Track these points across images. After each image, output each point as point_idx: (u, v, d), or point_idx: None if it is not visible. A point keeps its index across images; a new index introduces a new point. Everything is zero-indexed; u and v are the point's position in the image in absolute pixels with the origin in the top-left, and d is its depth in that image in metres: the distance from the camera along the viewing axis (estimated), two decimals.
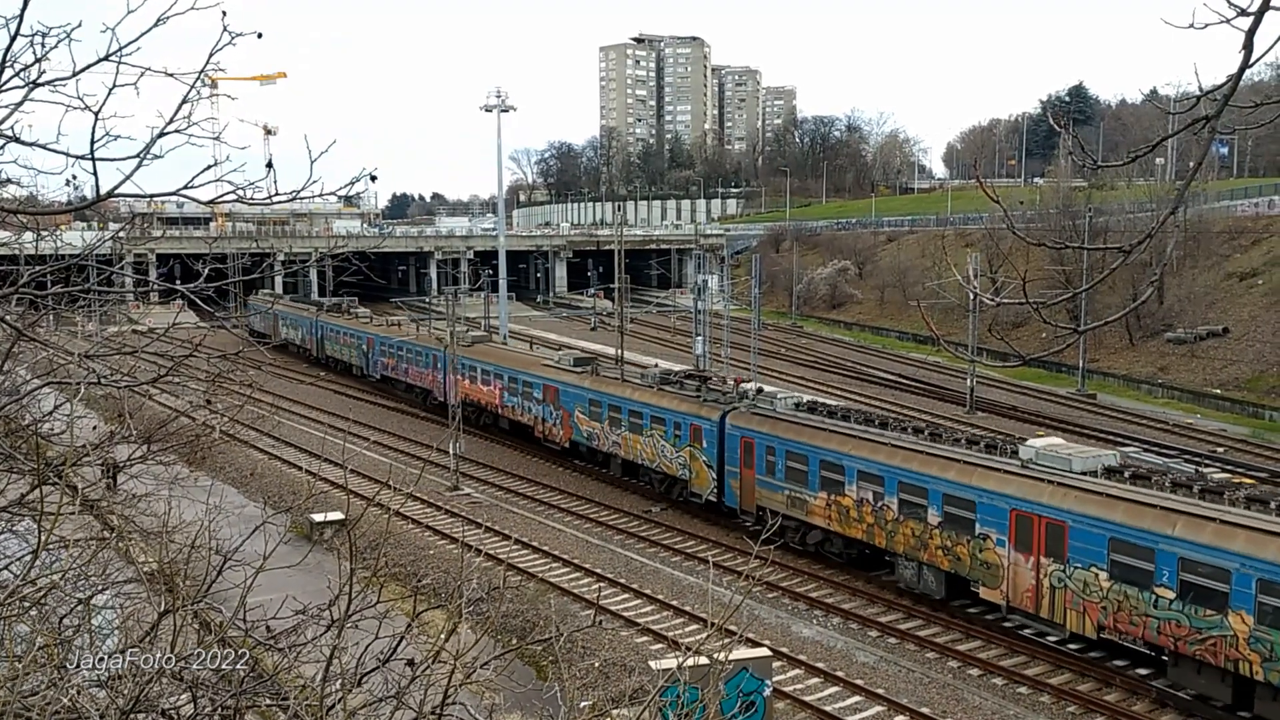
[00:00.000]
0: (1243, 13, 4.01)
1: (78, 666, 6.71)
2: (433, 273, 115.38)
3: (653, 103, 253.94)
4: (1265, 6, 3.97)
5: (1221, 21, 4.06)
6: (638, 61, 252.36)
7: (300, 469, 41.23)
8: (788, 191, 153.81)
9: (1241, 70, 4.20)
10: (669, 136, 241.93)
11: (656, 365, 48.56)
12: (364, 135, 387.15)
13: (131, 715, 6.15)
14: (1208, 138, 4.59)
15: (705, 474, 35.59)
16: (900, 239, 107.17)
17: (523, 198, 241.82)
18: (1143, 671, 23.35)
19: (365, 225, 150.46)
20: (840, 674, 24.03)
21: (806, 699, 22.67)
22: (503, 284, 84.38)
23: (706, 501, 36.00)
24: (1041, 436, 32.01)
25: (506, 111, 77.78)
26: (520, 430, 48.48)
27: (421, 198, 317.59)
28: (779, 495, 32.06)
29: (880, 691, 23.08)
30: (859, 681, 23.60)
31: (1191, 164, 6.40)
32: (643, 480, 39.72)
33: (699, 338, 66.96)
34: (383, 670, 7.21)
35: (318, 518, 32.70)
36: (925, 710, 22.20)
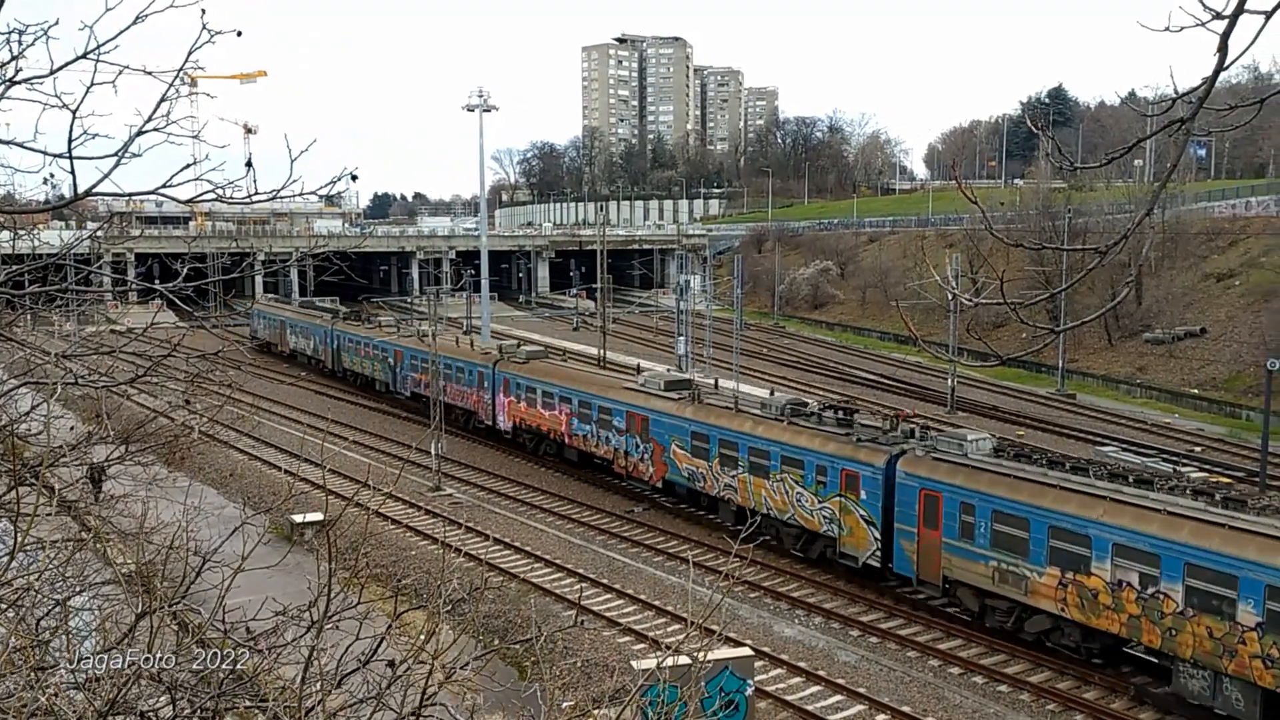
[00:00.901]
0: (1218, 16, 4.05)
1: (55, 668, 6.66)
2: (415, 273, 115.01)
3: (635, 103, 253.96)
4: (1240, 10, 4.01)
5: (1197, 24, 4.10)
6: (620, 61, 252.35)
7: (280, 469, 41.05)
8: (770, 192, 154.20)
9: (1216, 73, 4.24)
10: (651, 137, 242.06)
11: (773, 393, 40.23)
12: (345, 134, 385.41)
13: (109, 717, 6.11)
14: (1184, 139, 4.63)
15: (863, 532, 28.81)
16: (882, 239, 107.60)
17: (505, 198, 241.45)
18: (1126, 668, 23.52)
19: (346, 225, 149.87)
20: (822, 673, 24.09)
21: (788, 698, 22.72)
22: (485, 284, 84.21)
23: (864, 566, 29.17)
24: None
25: (489, 111, 77.64)
26: (589, 461, 42.18)
27: (403, 197, 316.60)
28: (979, 566, 25.69)
29: (862, 690, 23.16)
30: (840, 681, 23.68)
31: (1168, 165, 6.45)
32: (767, 533, 32.11)
33: (681, 338, 67.06)
34: (363, 671, 7.19)
35: (297, 518, 32.55)
36: (906, 709, 22.29)
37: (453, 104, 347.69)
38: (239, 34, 7.03)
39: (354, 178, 8.10)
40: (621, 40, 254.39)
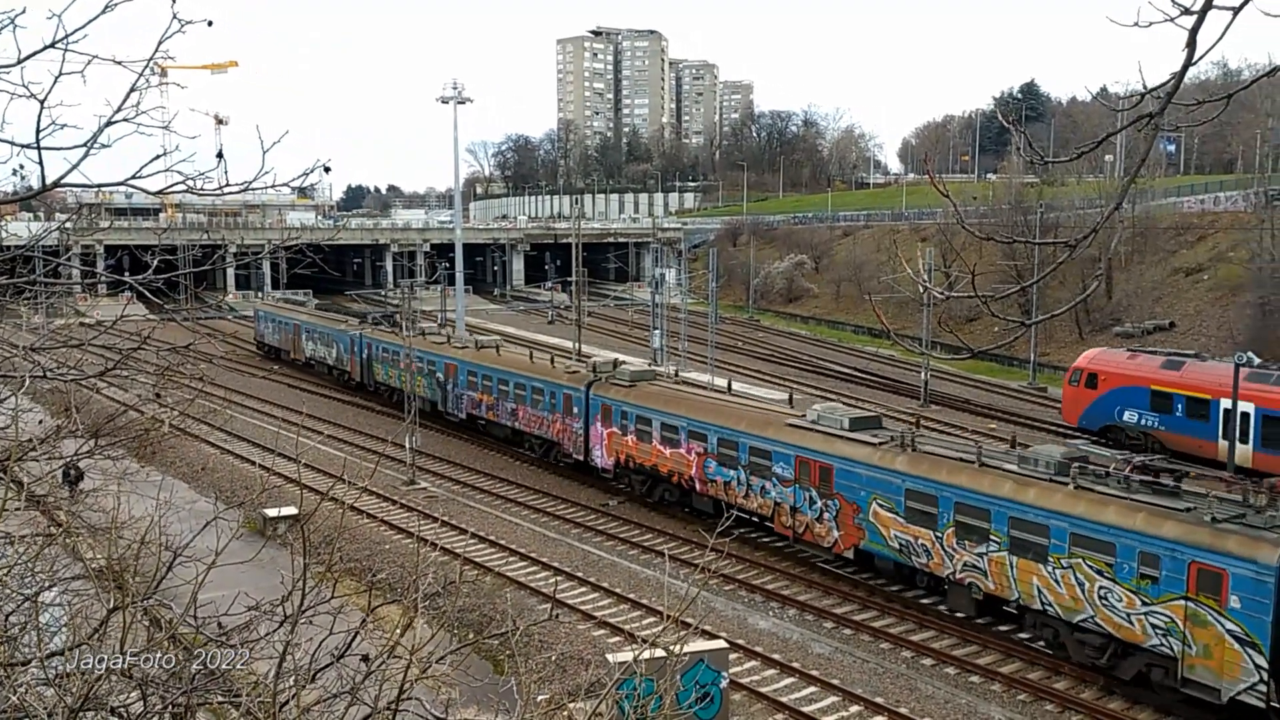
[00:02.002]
0: (1186, 11, 4.09)
1: (25, 665, 6.59)
2: (389, 265, 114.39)
3: (610, 96, 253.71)
4: (1208, 6, 4.06)
5: (1166, 20, 4.14)
6: (595, 54, 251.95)
7: (254, 464, 40.77)
8: (745, 186, 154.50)
9: (1185, 68, 4.29)
10: (626, 130, 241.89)
11: (1058, 447, 28.26)
12: (317, 126, 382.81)
13: (80, 714, 6.06)
14: (1153, 134, 4.67)
15: (1231, 655, 20.44)
16: (856, 234, 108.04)
17: (480, 190, 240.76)
18: (1093, 655, 23.77)
19: (320, 217, 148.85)
20: (796, 665, 24.22)
21: (763, 690, 22.83)
22: (459, 277, 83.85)
23: (1230, 703, 20.72)
24: None
25: (463, 103, 77.19)
26: (722, 509, 32.17)
27: (377, 190, 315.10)
28: None
29: (835, 682, 23.30)
30: (815, 672, 23.81)
31: (1137, 160, 6.51)
32: (1033, 632, 25.05)
33: (656, 331, 67.07)
34: (337, 666, 7.17)
35: (271, 513, 32.38)
36: (879, 700, 22.46)
37: (427, 96, 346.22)
38: (210, 24, 6.97)
39: (327, 169, 8.04)
40: (597, 33, 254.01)
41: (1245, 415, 37.43)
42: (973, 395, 59.00)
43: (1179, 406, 41.34)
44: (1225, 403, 37.89)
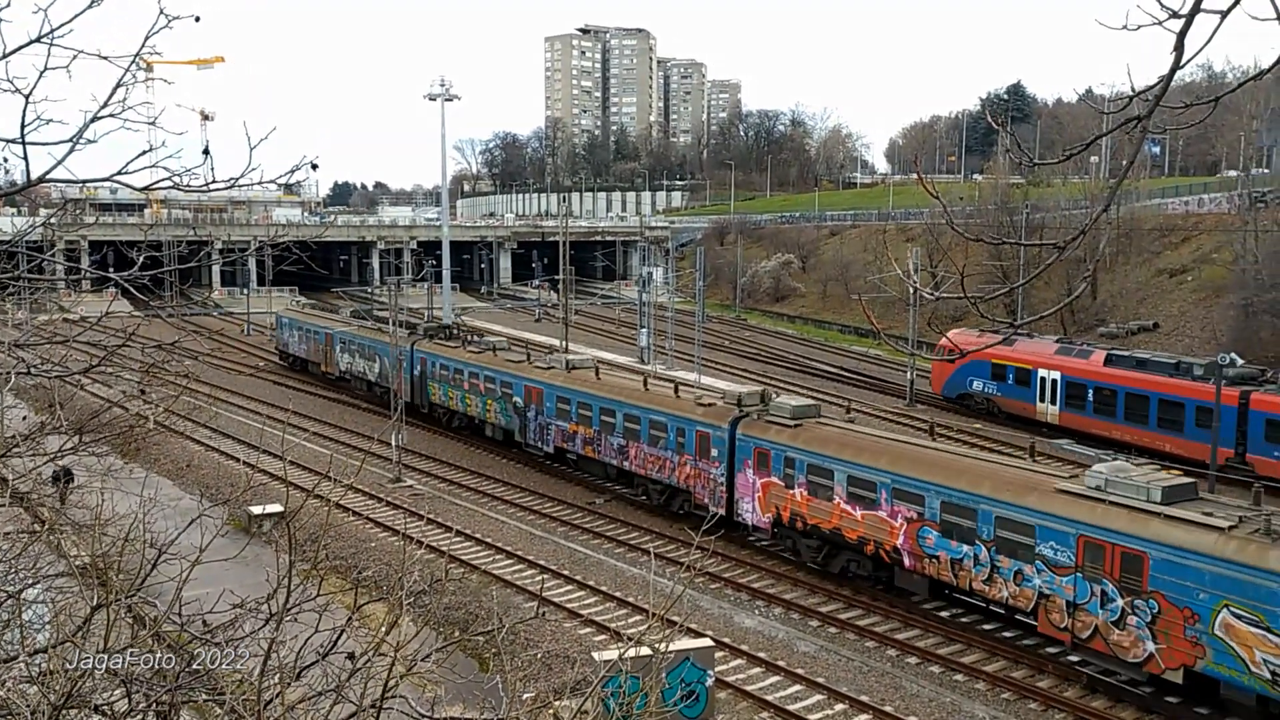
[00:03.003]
0: (1174, 15, 4.11)
1: (8, 662, 6.56)
2: (375, 263, 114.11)
3: (598, 94, 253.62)
4: (1196, 9, 4.08)
5: (1154, 23, 4.16)
6: (583, 52, 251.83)
7: (239, 461, 40.60)
8: (732, 185, 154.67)
9: (1173, 71, 4.31)
10: (614, 128, 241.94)
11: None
12: (304, 122, 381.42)
13: (63, 711, 6.03)
14: (1140, 137, 4.70)
15: None
16: (843, 233, 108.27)
17: (467, 188, 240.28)
18: (1074, 659, 23.90)
19: (306, 214, 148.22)
20: (781, 663, 24.27)
21: (748, 688, 22.87)
22: (446, 275, 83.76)
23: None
24: None
25: (451, 101, 77.13)
26: (942, 591, 27.32)
27: (364, 186, 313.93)
28: None
29: (820, 680, 23.35)
30: (800, 671, 23.86)
31: (1124, 162, 6.55)
32: None
33: (643, 330, 67.14)
34: (322, 664, 7.15)
35: (256, 510, 32.26)
36: (864, 698, 22.52)
37: (414, 93, 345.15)
38: (197, 19, 6.93)
39: (314, 166, 8.01)
40: (585, 31, 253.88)
41: (1054, 382, 47.17)
42: None
43: (1010, 376, 49.78)
44: (1042, 372, 47.70)
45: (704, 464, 33.14)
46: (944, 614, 26.86)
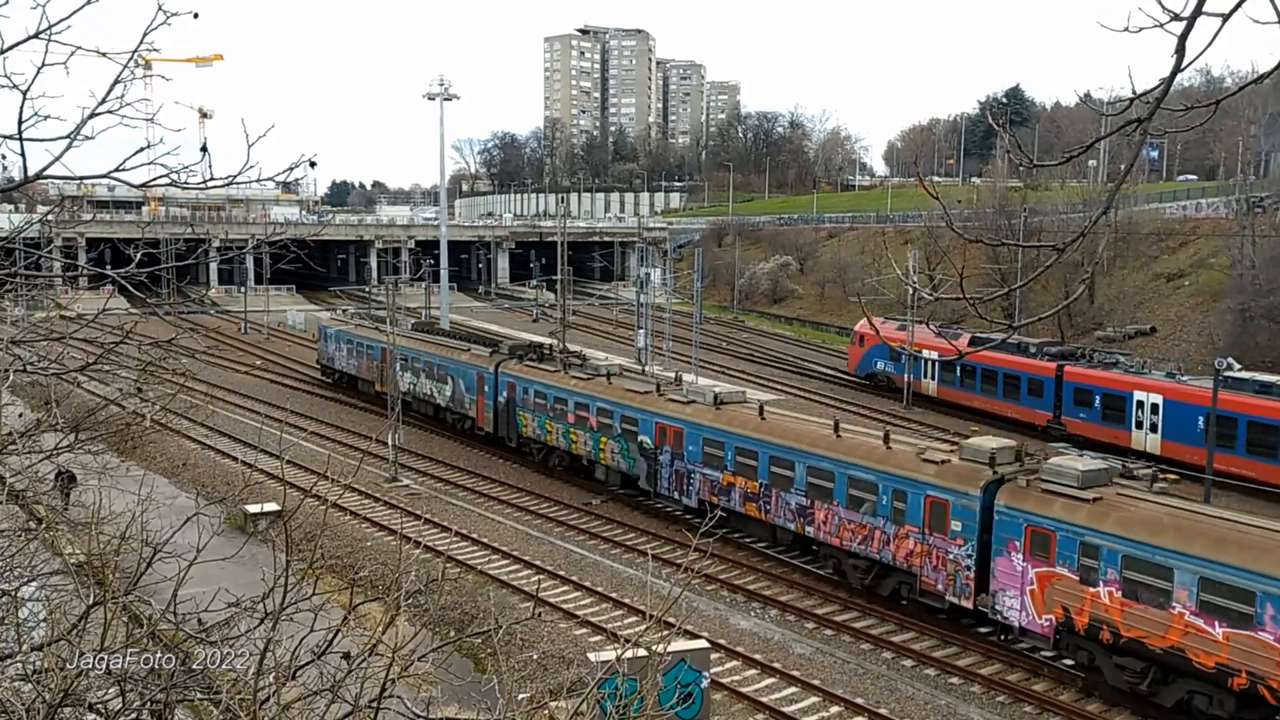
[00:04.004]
0: (1176, 17, 4.11)
1: (3, 660, 6.53)
2: (373, 262, 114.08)
3: (597, 94, 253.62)
4: (1198, 11, 4.07)
5: (1155, 26, 4.15)
6: (582, 53, 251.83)
7: (236, 460, 40.57)
8: (730, 186, 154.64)
9: (1174, 74, 4.30)
10: (613, 129, 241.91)
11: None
12: (303, 121, 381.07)
13: (59, 710, 6.01)
14: (1139, 140, 4.69)
15: None
16: (841, 235, 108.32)
17: (465, 188, 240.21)
18: (1068, 663, 23.91)
19: (304, 212, 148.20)
20: (777, 665, 24.26)
21: (744, 690, 22.86)
22: (444, 274, 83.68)
23: None
24: None
25: (450, 100, 77.01)
26: None
27: (362, 185, 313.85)
28: None
29: (816, 682, 23.35)
30: (795, 673, 23.85)
31: (1123, 166, 6.54)
32: None
33: (641, 330, 67.13)
34: (318, 664, 7.13)
35: (252, 509, 32.21)
36: (860, 700, 22.51)
37: (413, 92, 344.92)
38: (195, 16, 6.92)
39: (313, 165, 8.00)
40: (584, 31, 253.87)
41: (933, 362, 55.14)
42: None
43: (904, 357, 57.16)
44: (925, 353, 55.69)
45: (937, 539, 25.84)
46: (940, 617, 26.85)
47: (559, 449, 40.37)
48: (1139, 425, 43.80)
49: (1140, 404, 43.64)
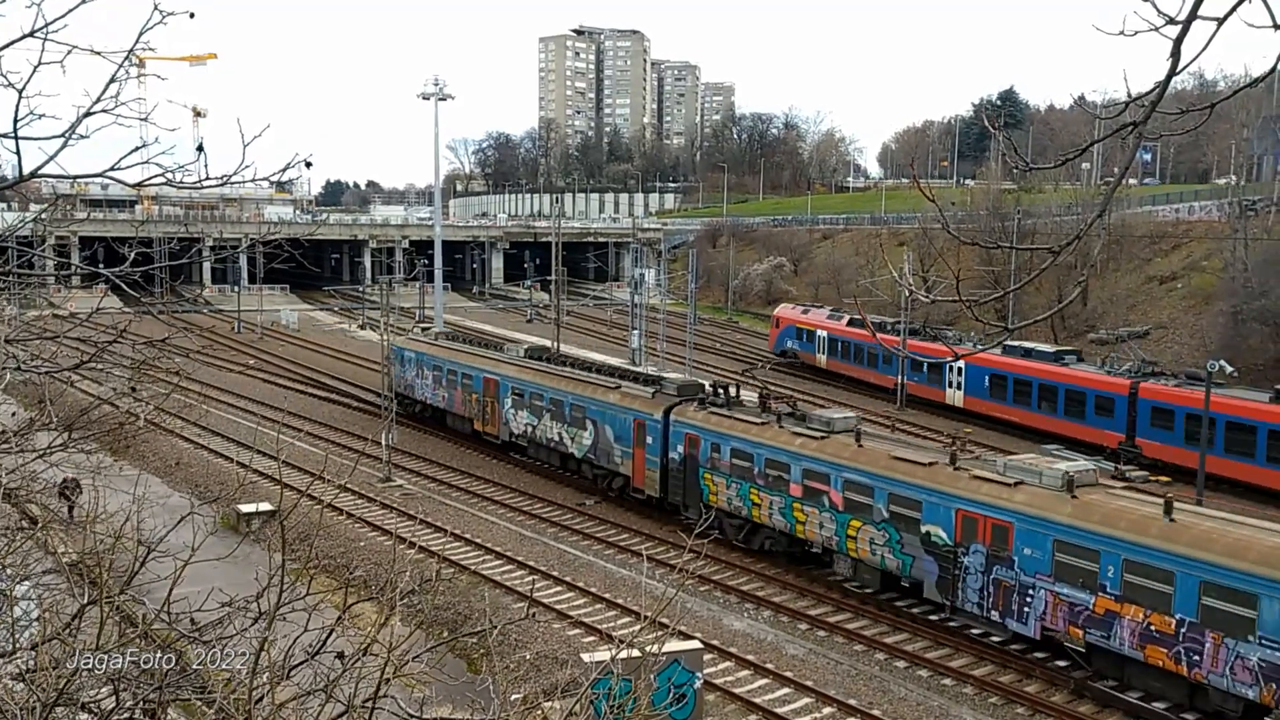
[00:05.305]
0: (1171, 21, 4.12)
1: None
2: (367, 261, 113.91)
3: (592, 95, 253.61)
4: (1193, 15, 4.09)
5: (1150, 29, 4.16)
6: (577, 53, 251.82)
7: (231, 460, 40.48)
8: (725, 187, 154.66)
9: (1169, 77, 4.32)
10: (608, 129, 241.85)
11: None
12: (297, 120, 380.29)
13: (52, 709, 5.99)
14: (1134, 143, 4.71)
15: None
16: (835, 237, 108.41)
17: (460, 188, 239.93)
18: (1061, 664, 23.95)
19: (298, 212, 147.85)
20: (770, 666, 24.27)
21: (736, 691, 22.86)
22: (438, 274, 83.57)
23: None
24: None
25: (444, 100, 76.90)
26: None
27: (356, 185, 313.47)
28: None
29: (809, 683, 23.36)
30: (788, 674, 23.86)
31: (1117, 169, 6.56)
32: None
33: (635, 331, 67.12)
34: (312, 663, 7.12)
35: (246, 509, 32.15)
36: (852, 701, 22.53)
37: (408, 92, 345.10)
38: (191, 15, 6.91)
39: (308, 164, 8.01)
40: (579, 32, 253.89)
41: (824, 339, 65.27)
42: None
43: (804, 336, 67.28)
44: (819, 333, 65.89)
45: None
46: (932, 618, 26.89)
47: (772, 528, 30.65)
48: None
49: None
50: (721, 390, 34.73)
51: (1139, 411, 42.81)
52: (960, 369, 53.08)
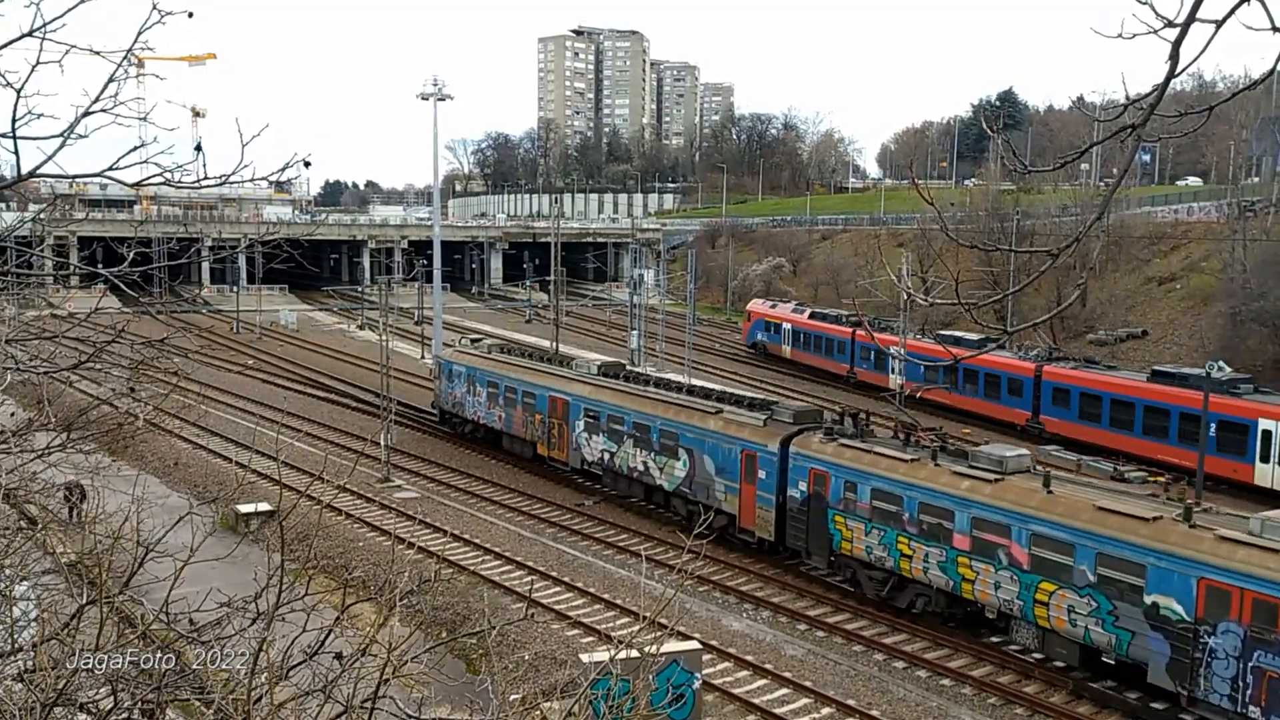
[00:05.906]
0: (1170, 23, 4.12)
1: None
2: (366, 262, 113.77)
3: (591, 95, 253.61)
4: (1191, 17, 4.09)
5: (1149, 32, 4.17)
6: (576, 54, 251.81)
7: (230, 460, 40.46)
8: (724, 188, 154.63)
9: (1168, 79, 4.32)
10: (607, 130, 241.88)
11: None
12: (296, 120, 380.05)
13: (51, 710, 5.99)
14: (1133, 145, 4.71)
15: None
16: (834, 237, 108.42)
17: (459, 188, 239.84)
18: (1059, 665, 23.95)
19: (297, 212, 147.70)
20: (769, 667, 24.27)
21: (735, 691, 22.86)
22: (438, 275, 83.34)
23: None
24: None
25: (443, 100, 76.56)
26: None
27: (355, 185, 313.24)
28: None
29: (808, 684, 23.36)
30: (787, 674, 23.86)
31: (1116, 170, 6.57)
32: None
33: (634, 331, 67.14)
34: (311, 664, 7.12)
35: (244, 509, 32.13)
36: (851, 702, 22.53)
37: (407, 92, 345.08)
38: (190, 15, 6.91)
39: (307, 164, 8.00)
40: (578, 32, 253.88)
41: (790, 331, 69.80)
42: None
43: (772, 329, 71.85)
44: (785, 325, 70.45)
45: None
46: (931, 619, 26.88)
47: (928, 584, 26.28)
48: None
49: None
50: (850, 418, 30.59)
51: (1043, 392, 47.76)
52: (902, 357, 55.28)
